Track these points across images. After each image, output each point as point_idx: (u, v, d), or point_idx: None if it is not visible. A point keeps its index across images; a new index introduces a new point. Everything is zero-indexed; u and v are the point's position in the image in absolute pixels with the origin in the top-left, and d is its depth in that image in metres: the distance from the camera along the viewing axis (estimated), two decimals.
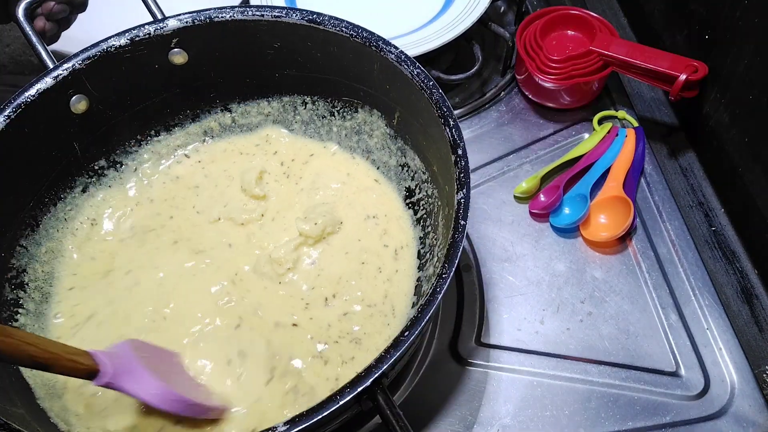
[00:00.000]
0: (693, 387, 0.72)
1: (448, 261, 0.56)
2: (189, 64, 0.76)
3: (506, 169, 0.89)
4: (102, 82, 0.73)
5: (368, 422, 0.71)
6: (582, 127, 0.92)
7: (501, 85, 0.97)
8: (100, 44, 0.71)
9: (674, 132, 0.90)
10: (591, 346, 0.75)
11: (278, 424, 0.49)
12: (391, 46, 0.68)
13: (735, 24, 0.74)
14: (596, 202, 0.83)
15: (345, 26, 0.70)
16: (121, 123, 0.78)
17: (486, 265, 0.81)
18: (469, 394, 0.72)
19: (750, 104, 0.74)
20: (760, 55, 0.71)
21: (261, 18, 0.72)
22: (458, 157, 0.61)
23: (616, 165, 0.85)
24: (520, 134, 0.92)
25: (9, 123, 0.66)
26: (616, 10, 1.04)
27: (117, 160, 0.79)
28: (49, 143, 0.72)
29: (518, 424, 0.70)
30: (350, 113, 0.80)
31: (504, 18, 1.05)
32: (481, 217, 0.85)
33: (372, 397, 0.52)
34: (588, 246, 0.82)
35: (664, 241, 0.81)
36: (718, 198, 0.83)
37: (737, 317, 0.75)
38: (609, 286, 0.79)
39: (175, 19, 0.72)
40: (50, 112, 0.70)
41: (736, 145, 0.78)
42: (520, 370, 0.74)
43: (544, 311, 0.77)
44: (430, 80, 0.66)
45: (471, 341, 0.76)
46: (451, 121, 0.63)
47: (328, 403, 0.50)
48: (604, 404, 0.71)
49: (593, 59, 0.86)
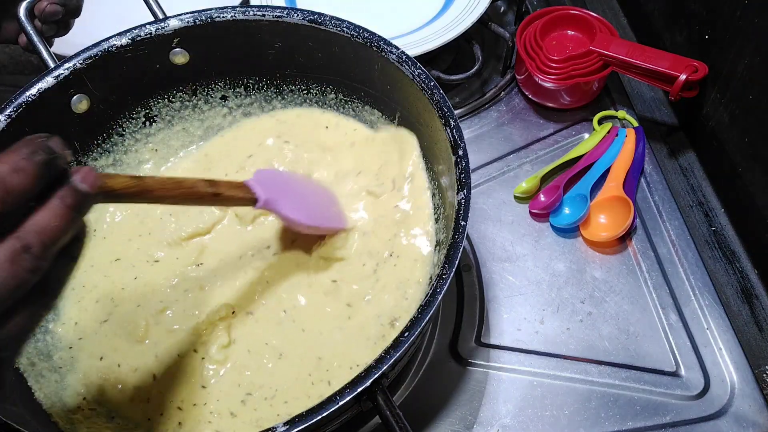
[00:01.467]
0: (693, 387, 0.72)
1: (449, 262, 0.56)
2: (190, 64, 0.76)
3: (506, 169, 0.89)
4: (103, 81, 0.73)
5: (368, 422, 0.71)
6: (582, 127, 0.92)
7: (501, 85, 0.97)
8: (102, 44, 0.71)
9: (674, 132, 0.90)
10: (591, 346, 0.75)
11: (278, 424, 0.49)
12: (392, 46, 0.68)
13: (735, 24, 0.74)
14: (596, 202, 0.83)
15: (346, 26, 0.70)
16: (122, 122, 0.78)
17: (486, 265, 0.81)
18: (469, 394, 0.73)
19: (750, 104, 0.74)
20: (760, 55, 0.71)
21: (262, 18, 0.72)
22: (459, 158, 0.61)
23: (616, 165, 0.85)
24: (520, 134, 0.93)
25: (10, 122, 0.66)
26: (616, 10, 1.04)
27: (117, 159, 0.79)
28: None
29: (518, 424, 0.70)
30: (351, 113, 0.80)
31: (504, 18, 1.05)
32: (481, 217, 0.85)
33: (372, 397, 0.52)
34: (588, 246, 0.82)
35: (664, 241, 0.81)
36: (718, 198, 0.83)
37: (737, 317, 0.75)
38: (609, 286, 0.79)
39: (176, 18, 0.72)
40: (51, 111, 0.70)
41: (736, 145, 0.78)
42: (520, 370, 0.74)
43: (544, 311, 0.78)
44: (431, 81, 0.66)
45: (471, 341, 0.76)
46: (451, 122, 0.63)
47: (327, 404, 0.50)
48: (604, 404, 0.71)
49: (593, 59, 0.86)
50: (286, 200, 0.66)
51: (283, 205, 0.65)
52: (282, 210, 0.65)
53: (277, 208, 0.65)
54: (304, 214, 0.68)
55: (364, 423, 0.71)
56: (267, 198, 0.63)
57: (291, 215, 0.66)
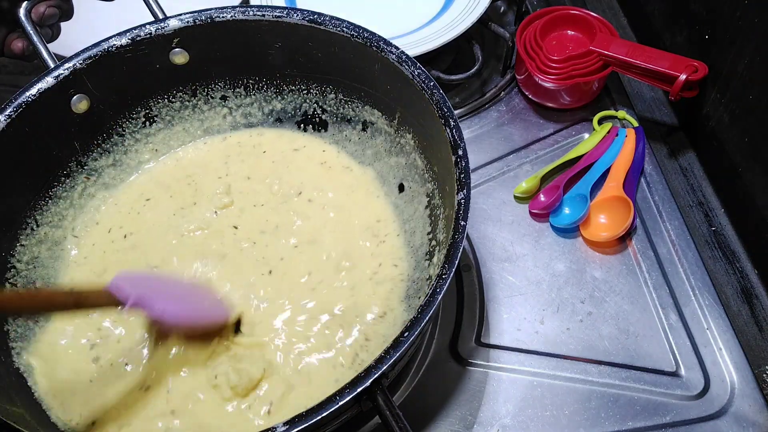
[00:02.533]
0: (693, 387, 0.72)
1: (448, 262, 0.56)
2: (190, 64, 0.76)
3: (506, 169, 0.89)
4: (103, 81, 0.73)
5: (368, 422, 0.71)
6: (582, 127, 0.92)
7: (501, 85, 0.97)
8: (101, 44, 0.71)
9: (674, 132, 0.90)
10: (591, 346, 0.75)
11: (278, 424, 0.49)
12: (392, 46, 0.68)
13: (735, 24, 0.74)
14: (596, 202, 0.83)
15: (346, 26, 0.70)
16: (122, 122, 0.78)
17: (486, 265, 0.81)
18: (469, 394, 0.73)
19: (750, 104, 0.74)
20: (760, 54, 0.71)
21: (262, 18, 0.72)
22: (459, 158, 0.61)
23: (616, 165, 0.85)
24: (520, 134, 0.93)
25: (10, 122, 0.66)
26: (616, 10, 1.04)
27: (117, 159, 0.79)
28: (50, 143, 0.72)
29: (518, 424, 0.70)
30: (351, 113, 0.80)
31: (504, 18, 1.05)
32: (481, 217, 0.85)
33: (371, 397, 0.52)
34: (588, 246, 0.82)
35: (664, 241, 0.81)
36: (718, 198, 0.83)
37: (737, 317, 0.75)
38: (609, 286, 0.79)
39: (176, 18, 0.73)
40: (51, 111, 0.70)
41: (736, 145, 0.78)
42: (520, 370, 0.74)
43: (544, 311, 0.78)
44: (431, 81, 0.66)
45: (471, 341, 0.76)
46: (451, 122, 0.63)
47: (327, 404, 0.50)
48: (604, 404, 0.71)
49: (593, 59, 0.86)
50: (157, 297, 0.63)
51: (155, 302, 0.62)
52: (155, 306, 0.62)
53: (147, 305, 0.61)
54: (180, 309, 0.66)
55: (364, 423, 0.71)
56: (137, 295, 0.60)
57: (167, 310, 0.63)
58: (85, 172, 0.77)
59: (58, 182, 0.75)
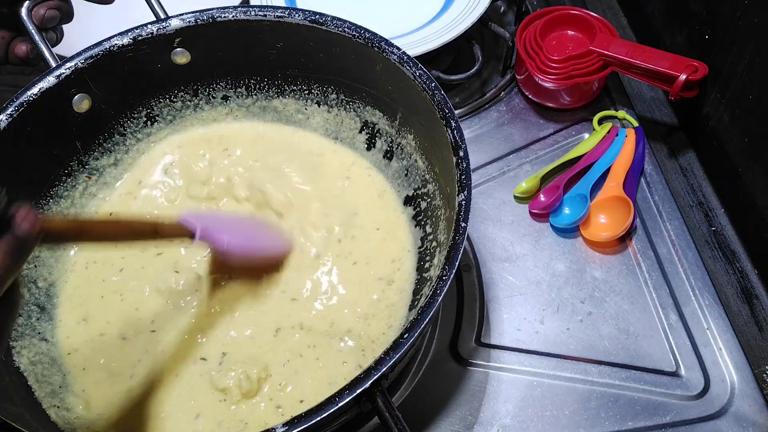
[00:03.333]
0: (693, 387, 0.72)
1: (449, 263, 0.56)
2: (191, 64, 0.76)
3: (506, 169, 0.89)
4: (105, 81, 0.73)
5: (368, 423, 0.71)
6: (582, 127, 0.92)
7: (501, 85, 0.97)
8: (103, 43, 0.71)
9: (674, 132, 0.90)
10: (591, 346, 0.75)
11: (277, 425, 0.50)
12: (393, 47, 0.68)
13: (735, 24, 0.75)
14: (596, 202, 0.83)
15: (348, 27, 0.70)
16: (124, 122, 0.78)
17: (486, 265, 0.81)
18: (469, 394, 0.73)
19: (750, 104, 0.74)
20: (760, 54, 0.71)
21: (264, 18, 0.72)
22: (459, 159, 0.61)
23: (616, 165, 0.85)
24: (520, 134, 0.93)
25: (11, 122, 0.66)
26: (616, 10, 1.04)
27: (119, 158, 0.80)
28: (51, 142, 0.72)
29: (518, 424, 0.71)
30: (352, 113, 0.80)
31: (504, 18, 1.05)
32: (481, 217, 0.85)
33: (371, 399, 0.52)
34: (588, 246, 0.82)
35: (664, 241, 0.81)
36: (718, 198, 0.83)
37: (737, 317, 0.76)
38: (609, 286, 0.79)
39: (178, 18, 0.72)
40: (53, 111, 0.70)
41: (736, 145, 0.78)
42: (520, 370, 0.74)
43: (544, 311, 0.78)
44: (432, 81, 0.66)
45: (471, 341, 0.76)
46: (452, 123, 0.63)
47: (326, 405, 0.50)
48: (604, 404, 0.71)
49: (593, 59, 0.86)
50: (221, 230, 0.67)
51: (219, 235, 0.66)
52: (219, 238, 0.66)
53: (214, 238, 0.66)
54: (242, 241, 0.70)
55: (363, 423, 0.71)
56: (203, 227, 0.64)
57: (231, 242, 0.67)
58: (86, 171, 0.77)
59: (60, 181, 0.75)
